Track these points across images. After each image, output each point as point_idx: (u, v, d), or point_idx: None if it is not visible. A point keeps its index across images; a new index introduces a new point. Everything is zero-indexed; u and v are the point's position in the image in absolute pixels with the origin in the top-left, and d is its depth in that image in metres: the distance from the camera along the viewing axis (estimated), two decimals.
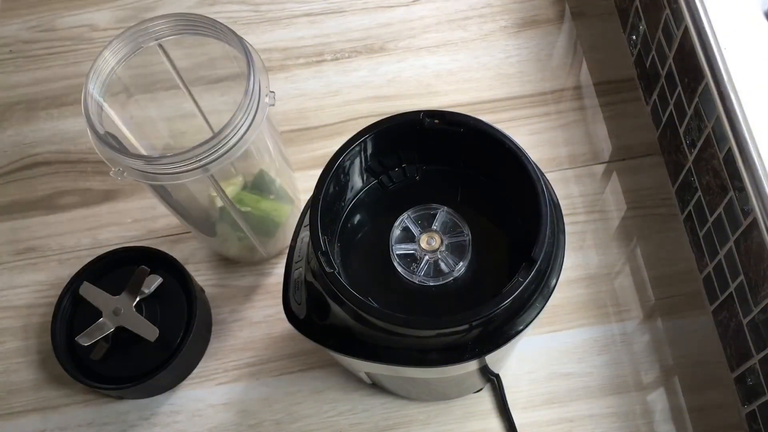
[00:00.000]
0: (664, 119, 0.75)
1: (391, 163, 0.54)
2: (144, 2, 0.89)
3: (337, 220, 0.53)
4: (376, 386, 0.68)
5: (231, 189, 0.64)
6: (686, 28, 0.64)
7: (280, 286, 0.54)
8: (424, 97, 0.82)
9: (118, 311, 0.66)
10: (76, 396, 0.70)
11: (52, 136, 0.82)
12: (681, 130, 0.71)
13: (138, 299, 0.66)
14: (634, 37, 0.81)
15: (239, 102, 0.53)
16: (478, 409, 0.68)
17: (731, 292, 0.64)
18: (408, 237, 0.52)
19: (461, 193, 0.54)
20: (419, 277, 0.50)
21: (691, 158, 0.69)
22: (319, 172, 0.49)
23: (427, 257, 0.51)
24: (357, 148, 0.51)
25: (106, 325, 0.65)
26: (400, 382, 0.62)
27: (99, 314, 0.66)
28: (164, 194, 0.60)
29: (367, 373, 0.61)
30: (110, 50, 0.55)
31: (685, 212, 0.73)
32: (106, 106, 0.56)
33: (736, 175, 0.60)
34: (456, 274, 0.51)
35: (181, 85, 0.64)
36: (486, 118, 0.51)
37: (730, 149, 0.60)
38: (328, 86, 0.83)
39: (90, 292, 0.67)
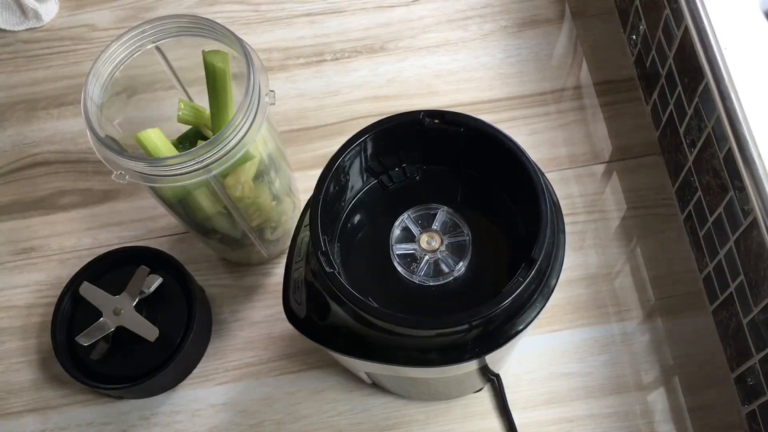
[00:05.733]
0: (664, 119, 0.75)
1: (391, 163, 0.54)
2: (144, 2, 0.89)
3: (337, 220, 0.53)
4: (376, 386, 0.68)
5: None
6: (686, 28, 0.64)
7: (280, 286, 0.54)
8: (424, 97, 0.82)
9: (118, 311, 0.66)
10: (76, 396, 0.70)
11: (52, 136, 0.82)
12: (681, 130, 0.71)
13: (138, 299, 0.66)
14: (634, 37, 0.81)
15: (239, 103, 0.53)
16: (478, 409, 0.68)
17: (731, 292, 0.64)
18: (408, 237, 0.52)
19: (461, 193, 0.54)
20: (419, 277, 0.50)
21: (691, 158, 0.69)
22: (319, 172, 0.49)
23: (427, 257, 0.51)
24: (357, 148, 0.51)
25: (106, 325, 0.65)
26: (400, 382, 0.62)
27: (99, 314, 0.66)
28: (165, 196, 0.60)
29: (367, 373, 0.61)
30: (108, 53, 0.55)
31: (685, 212, 0.73)
32: (105, 108, 0.56)
33: (736, 175, 0.60)
34: (456, 274, 0.51)
35: (178, 86, 0.64)
36: (486, 118, 0.51)
37: (730, 149, 0.60)
38: (328, 86, 0.83)
39: (90, 292, 0.67)
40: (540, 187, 0.47)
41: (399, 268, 0.51)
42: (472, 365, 0.50)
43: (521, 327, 0.48)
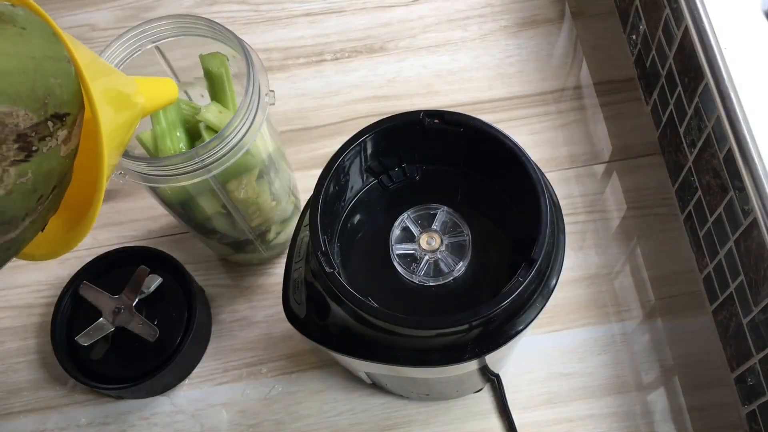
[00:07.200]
0: (664, 119, 0.75)
1: (391, 163, 0.54)
2: (144, 2, 0.89)
3: (337, 220, 0.53)
4: (376, 386, 0.68)
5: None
6: (686, 28, 0.64)
7: (280, 286, 0.54)
8: (424, 97, 0.82)
9: (118, 311, 0.66)
10: (76, 396, 0.70)
11: None
12: (681, 130, 0.71)
13: (138, 299, 0.66)
14: (634, 36, 0.81)
15: (239, 103, 0.53)
16: (478, 409, 0.68)
17: (731, 292, 0.64)
18: (408, 237, 0.52)
19: (461, 193, 0.54)
20: (419, 277, 0.50)
21: (691, 158, 0.69)
22: (319, 172, 0.49)
23: (427, 257, 0.51)
24: (357, 148, 0.51)
25: (106, 325, 0.65)
26: (400, 382, 0.62)
27: (99, 314, 0.66)
28: (165, 196, 0.60)
29: (367, 373, 0.61)
30: (108, 53, 0.55)
31: (685, 212, 0.73)
32: None
33: (736, 175, 0.60)
34: (456, 274, 0.51)
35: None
36: (486, 118, 0.51)
37: (730, 149, 0.60)
38: (328, 86, 0.83)
39: (90, 292, 0.67)
40: (540, 187, 0.47)
41: (399, 268, 0.51)
42: (472, 365, 0.50)
43: (521, 327, 0.48)
